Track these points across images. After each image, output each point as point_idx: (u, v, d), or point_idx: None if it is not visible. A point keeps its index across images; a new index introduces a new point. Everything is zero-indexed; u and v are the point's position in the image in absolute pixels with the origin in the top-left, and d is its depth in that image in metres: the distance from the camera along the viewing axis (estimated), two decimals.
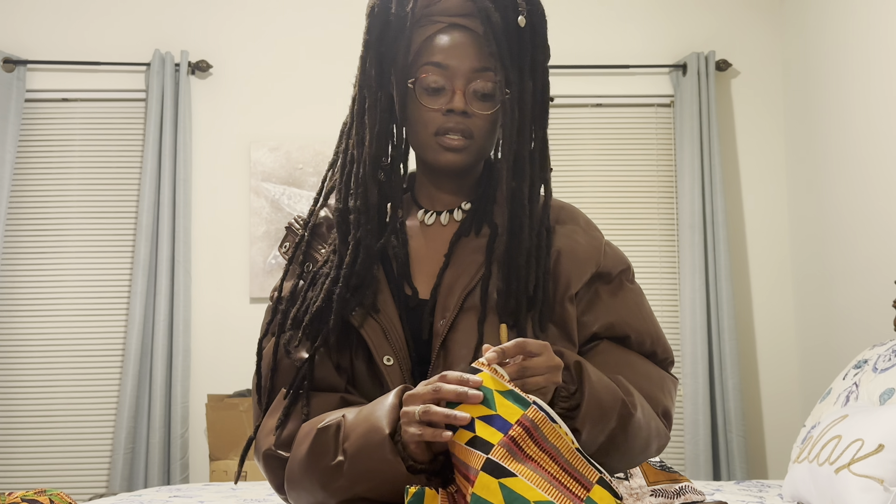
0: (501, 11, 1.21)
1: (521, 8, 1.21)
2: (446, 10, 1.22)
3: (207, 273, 3.77)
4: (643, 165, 3.87)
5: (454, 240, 1.25)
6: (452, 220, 1.29)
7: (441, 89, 1.22)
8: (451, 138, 1.22)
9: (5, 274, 3.69)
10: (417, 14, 1.22)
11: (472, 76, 1.21)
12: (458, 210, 1.29)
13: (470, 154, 1.24)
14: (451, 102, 1.21)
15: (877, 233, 3.08)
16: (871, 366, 2.35)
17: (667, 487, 1.99)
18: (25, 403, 3.65)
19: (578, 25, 3.90)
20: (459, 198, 1.30)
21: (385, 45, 1.22)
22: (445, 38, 1.22)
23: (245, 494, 2.50)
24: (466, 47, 1.21)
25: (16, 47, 3.79)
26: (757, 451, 3.74)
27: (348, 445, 1.08)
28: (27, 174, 3.77)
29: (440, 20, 1.22)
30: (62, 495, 2.03)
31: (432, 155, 1.24)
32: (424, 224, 1.29)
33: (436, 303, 1.21)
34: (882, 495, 1.80)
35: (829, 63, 3.46)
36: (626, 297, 1.29)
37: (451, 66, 1.21)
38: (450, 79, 1.21)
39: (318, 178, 3.78)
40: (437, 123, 1.22)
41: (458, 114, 1.21)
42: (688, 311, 3.64)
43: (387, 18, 1.22)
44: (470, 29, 1.22)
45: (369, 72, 1.23)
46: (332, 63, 3.83)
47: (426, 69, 1.22)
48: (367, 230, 1.21)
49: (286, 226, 1.34)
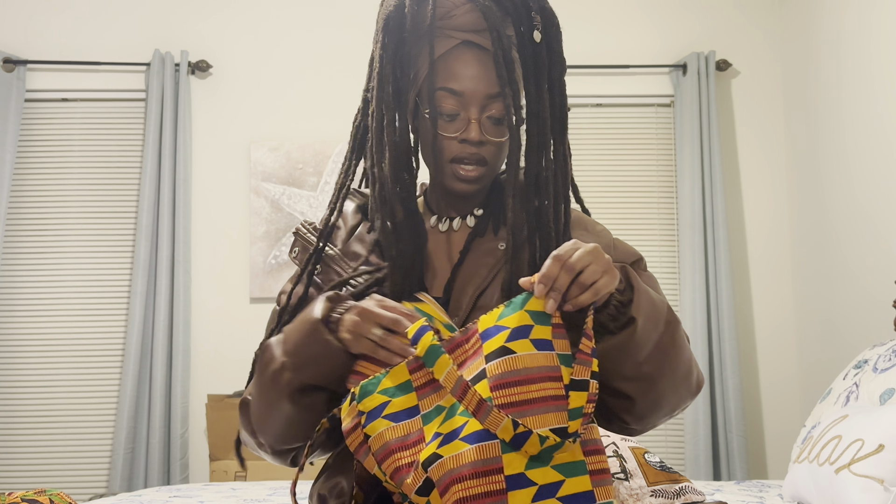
0: (516, 27, 1.19)
1: (535, 22, 1.19)
2: (460, 26, 1.20)
3: (207, 273, 3.77)
4: (643, 165, 3.87)
5: (469, 239, 1.27)
6: (464, 226, 1.30)
7: (456, 115, 1.21)
8: (465, 169, 1.23)
9: (5, 274, 3.69)
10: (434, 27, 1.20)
11: (487, 102, 1.20)
12: (471, 216, 1.30)
13: (483, 180, 1.25)
14: (466, 132, 1.21)
15: (877, 233, 3.08)
16: (872, 366, 2.35)
17: (667, 488, 1.99)
18: (25, 403, 3.65)
19: (578, 25, 3.89)
20: (471, 205, 1.31)
21: (402, 61, 1.21)
22: (459, 60, 1.20)
23: (245, 494, 2.50)
24: (480, 70, 1.20)
25: (16, 47, 3.79)
26: (757, 451, 3.74)
27: (286, 345, 1.16)
28: (27, 174, 3.77)
29: (454, 35, 1.20)
30: (62, 495, 2.03)
31: (447, 181, 1.25)
32: (438, 230, 1.30)
33: (449, 299, 1.22)
34: (882, 495, 1.80)
35: (828, 63, 3.46)
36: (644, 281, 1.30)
37: (466, 93, 1.20)
38: (464, 106, 1.21)
39: (318, 178, 3.78)
40: (452, 151, 1.23)
41: (474, 144, 1.21)
42: (688, 311, 3.64)
43: (402, 35, 1.20)
44: (484, 48, 1.20)
45: (386, 88, 1.21)
46: (332, 63, 3.84)
47: (440, 95, 1.21)
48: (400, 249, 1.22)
49: (294, 231, 1.35)
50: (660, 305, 1.15)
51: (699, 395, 3.53)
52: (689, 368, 1.19)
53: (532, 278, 1.06)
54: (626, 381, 1.14)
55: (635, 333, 1.10)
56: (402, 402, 1.04)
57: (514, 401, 0.99)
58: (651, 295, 1.15)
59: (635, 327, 1.10)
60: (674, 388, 1.18)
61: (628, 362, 1.12)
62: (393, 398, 1.05)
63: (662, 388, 1.16)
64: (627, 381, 1.13)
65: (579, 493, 0.97)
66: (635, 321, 1.10)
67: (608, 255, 1.08)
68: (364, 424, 1.04)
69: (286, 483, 2.74)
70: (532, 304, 1.05)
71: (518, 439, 0.97)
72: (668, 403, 1.19)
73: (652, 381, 1.14)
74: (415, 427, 1.03)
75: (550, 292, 1.05)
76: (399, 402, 1.04)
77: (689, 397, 1.22)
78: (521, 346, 1.02)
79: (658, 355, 1.13)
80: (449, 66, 1.21)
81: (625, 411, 1.18)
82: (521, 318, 1.03)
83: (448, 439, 0.99)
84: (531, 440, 0.96)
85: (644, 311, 1.11)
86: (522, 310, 1.04)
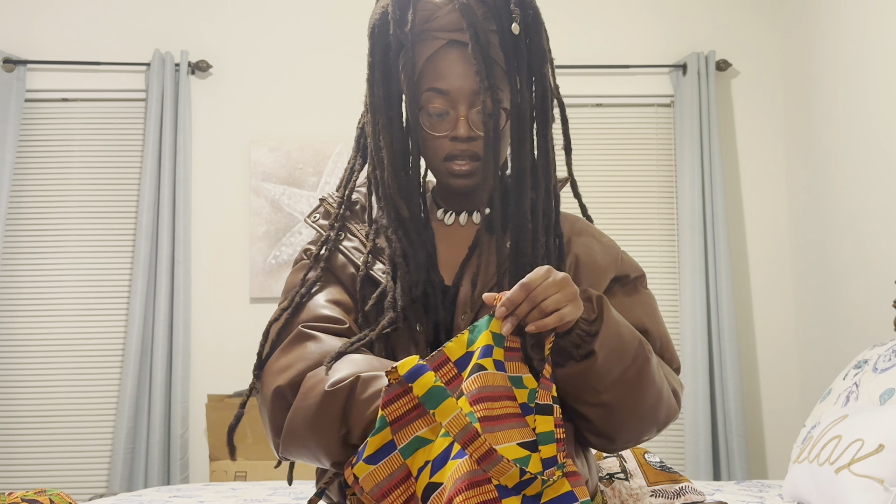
0: (496, 20, 1.21)
1: (514, 15, 1.21)
2: (444, 26, 1.22)
3: (207, 273, 3.77)
4: (643, 165, 3.87)
5: (478, 235, 1.28)
6: (471, 222, 1.32)
7: (445, 114, 1.24)
8: (458, 165, 1.25)
9: (5, 274, 3.69)
10: (417, 30, 1.22)
11: (474, 99, 1.23)
12: (477, 213, 1.32)
13: (478, 174, 1.26)
14: (455, 130, 1.24)
15: (877, 232, 3.08)
16: (872, 366, 2.35)
17: (667, 488, 1.99)
18: (25, 403, 3.65)
19: (578, 25, 3.90)
20: (476, 202, 1.32)
21: (388, 66, 1.25)
22: (444, 60, 1.23)
23: (245, 494, 2.50)
24: (465, 68, 1.22)
25: (16, 47, 3.79)
26: (757, 451, 3.74)
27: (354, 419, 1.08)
28: (27, 174, 3.77)
29: (439, 36, 1.22)
30: (62, 495, 2.03)
31: (444, 179, 1.28)
32: (444, 224, 1.32)
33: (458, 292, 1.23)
34: (882, 495, 1.80)
35: (829, 63, 3.46)
36: (640, 299, 1.32)
37: (452, 91, 1.22)
38: (452, 104, 1.23)
39: (318, 178, 3.78)
40: (445, 150, 1.25)
41: (463, 140, 1.24)
42: (688, 311, 3.64)
43: (387, 40, 1.24)
44: (467, 45, 1.22)
45: (377, 93, 1.25)
46: (332, 63, 3.84)
47: (428, 95, 1.24)
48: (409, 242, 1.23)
49: (320, 198, 1.39)
50: (629, 340, 1.17)
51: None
52: (657, 403, 1.21)
53: (496, 296, 1.10)
54: (586, 406, 1.17)
55: (595, 364, 1.13)
56: (377, 441, 1.02)
57: (489, 415, 1.01)
58: (621, 329, 1.17)
59: (596, 359, 1.13)
60: (635, 419, 1.20)
61: (587, 390, 1.15)
62: (369, 438, 1.03)
63: (622, 417, 1.18)
64: (587, 405, 1.17)
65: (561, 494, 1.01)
66: (595, 354, 1.13)
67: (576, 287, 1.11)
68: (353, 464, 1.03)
69: (286, 483, 2.73)
70: (494, 325, 1.08)
71: (521, 485, 0.99)
72: (630, 430, 1.21)
73: (611, 410, 1.17)
74: (396, 463, 1.02)
75: (510, 317, 1.08)
76: (374, 442, 1.02)
77: (654, 429, 1.24)
78: (489, 364, 1.05)
79: (620, 387, 1.16)
80: (436, 66, 1.23)
81: (588, 431, 1.22)
82: (486, 339, 1.07)
83: (440, 464, 1.00)
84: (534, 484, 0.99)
85: (608, 344, 1.14)
86: (487, 330, 1.08)
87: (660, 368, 1.23)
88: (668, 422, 1.26)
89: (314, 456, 1.14)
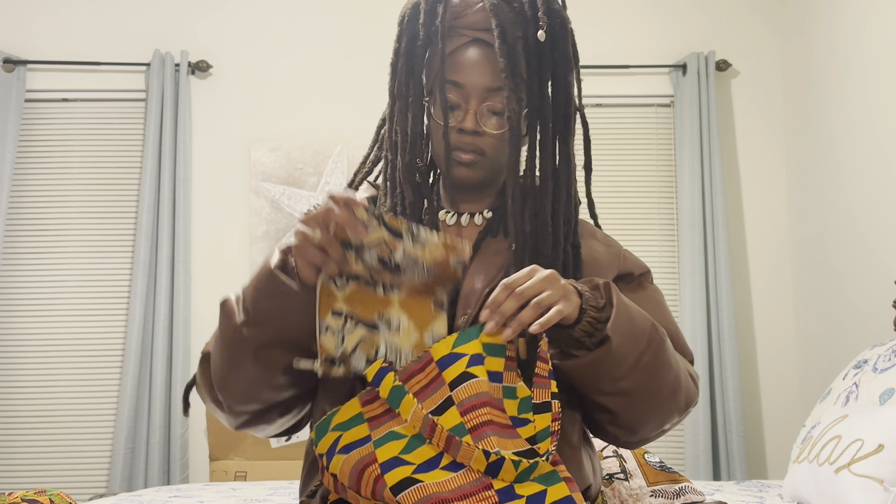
0: (523, 26, 1.24)
1: (542, 22, 1.24)
2: (472, 24, 1.25)
3: (207, 273, 3.77)
4: (643, 165, 3.87)
5: (480, 237, 1.29)
6: (472, 224, 1.32)
7: (457, 106, 1.26)
8: (462, 154, 1.26)
9: (5, 274, 3.69)
10: (446, 25, 1.26)
11: (486, 95, 1.25)
12: (479, 215, 1.33)
13: (482, 169, 1.28)
14: (462, 121, 1.25)
15: (877, 232, 3.08)
16: (871, 366, 2.35)
17: (667, 488, 1.99)
18: (25, 403, 3.65)
19: (578, 25, 3.86)
20: (481, 206, 1.33)
21: (414, 55, 1.27)
22: (465, 55, 1.26)
23: (245, 494, 2.50)
24: (484, 65, 1.24)
25: (16, 47, 3.79)
26: (757, 451, 3.74)
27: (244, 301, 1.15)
28: (27, 174, 3.77)
29: (465, 34, 1.26)
30: (62, 495, 2.03)
31: (447, 168, 1.29)
32: (445, 224, 1.33)
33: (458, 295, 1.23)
34: (882, 495, 1.80)
35: (828, 63, 3.46)
36: (647, 295, 1.33)
37: (467, 85, 1.25)
38: (465, 97, 1.25)
39: (318, 178, 3.78)
40: (451, 141, 1.27)
41: (469, 133, 1.25)
42: (687, 311, 3.64)
43: (416, 30, 1.27)
44: (492, 45, 1.24)
45: (400, 79, 1.28)
46: (332, 63, 3.83)
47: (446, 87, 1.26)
48: None
49: None
50: (641, 324, 1.16)
51: (700, 400, 3.56)
52: (676, 386, 1.20)
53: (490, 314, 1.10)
54: (605, 396, 1.16)
55: (611, 351, 1.11)
56: (353, 435, 1.05)
57: (483, 421, 1.02)
58: (632, 313, 1.16)
59: (610, 345, 1.11)
60: (656, 405, 1.19)
61: (605, 378, 1.14)
62: (344, 432, 1.06)
63: (643, 403, 1.18)
64: (606, 395, 1.16)
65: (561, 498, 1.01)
66: (610, 339, 1.11)
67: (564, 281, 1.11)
68: (327, 466, 1.06)
69: (286, 483, 2.74)
70: (486, 335, 1.08)
71: (492, 468, 0.99)
72: (652, 418, 1.21)
73: (631, 397, 1.16)
74: (366, 451, 1.03)
75: (495, 315, 1.08)
76: (350, 435, 1.05)
77: (675, 414, 1.23)
78: (479, 372, 1.05)
79: (637, 373, 1.14)
80: (456, 60, 1.26)
81: (610, 424, 1.22)
82: (475, 348, 1.07)
83: (426, 468, 1.01)
84: (505, 466, 0.99)
85: (621, 329, 1.12)
86: (477, 339, 1.08)
87: (675, 353, 1.23)
88: (689, 407, 1.24)
89: (248, 380, 1.16)
